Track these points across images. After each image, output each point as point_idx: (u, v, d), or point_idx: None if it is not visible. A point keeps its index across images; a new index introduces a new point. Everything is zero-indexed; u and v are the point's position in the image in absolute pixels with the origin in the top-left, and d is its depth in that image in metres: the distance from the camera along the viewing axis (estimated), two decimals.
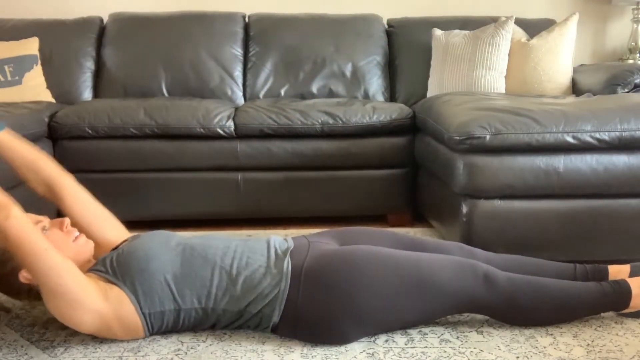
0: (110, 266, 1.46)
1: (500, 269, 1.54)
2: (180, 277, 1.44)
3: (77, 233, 1.51)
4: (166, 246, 1.50)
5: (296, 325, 1.45)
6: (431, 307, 1.47)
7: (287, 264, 1.47)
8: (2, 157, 1.64)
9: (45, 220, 1.49)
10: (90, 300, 1.36)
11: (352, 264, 1.45)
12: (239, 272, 1.46)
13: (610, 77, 2.54)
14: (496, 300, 1.47)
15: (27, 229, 1.32)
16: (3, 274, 1.44)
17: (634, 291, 1.52)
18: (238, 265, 1.47)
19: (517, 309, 1.50)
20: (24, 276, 1.42)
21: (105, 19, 3.21)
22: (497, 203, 1.91)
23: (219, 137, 2.50)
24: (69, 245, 1.47)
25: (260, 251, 1.51)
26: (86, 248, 1.52)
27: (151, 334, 1.48)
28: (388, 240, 1.64)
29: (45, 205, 2.42)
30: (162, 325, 1.46)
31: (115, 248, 1.57)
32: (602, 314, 1.62)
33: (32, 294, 1.46)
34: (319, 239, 1.63)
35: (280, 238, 1.61)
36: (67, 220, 1.51)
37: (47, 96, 2.87)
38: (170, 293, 1.43)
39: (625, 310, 1.55)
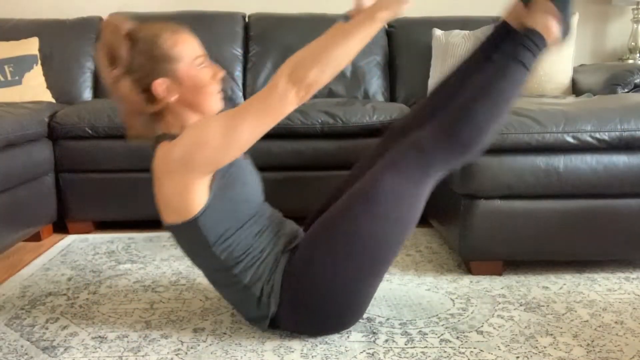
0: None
1: (427, 116, 1.55)
2: (234, 232, 1.41)
3: (220, 89, 1.48)
4: (255, 202, 1.49)
5: (296, 312, 1.44)
6: (399, 210, 1.43)
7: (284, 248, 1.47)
8: None
9: (205, 57, 1.46)
10: (225, 161, 1.35)
11: (319, 243, 1.43)
12: (263, 250, 1.44)
13: (610, 77, 2.54)
14: (438, 153, 1.45)
15: (277, 113, 1.30)
16: (144, 66, 1.38)
17: (542, 30, 1.50)
18: (267, 244, 1.45)
19: (461, 141, 1.45)
20: (159, 85, 1.37)
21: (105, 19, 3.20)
22: (497, 203, 1.91)
23: None
24: (209, 92, 1.44)
25: (285, 235, 1.50)
26: (215, 105, 1.47)
27: (180, 227, 1.40)
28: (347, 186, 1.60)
29: (44, 206, 2.43)
30: (189, 237, 1.42)
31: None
32: (602, 315, 1.62)
33: (149, 108, 1.41)
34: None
35: (296, 226, 1.60)
36: (221, 73, 1.48)
37: (47, 96, 2.87)
38: (221, 232, 1.39)
39: (550, 44, 1.52)
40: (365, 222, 1.40)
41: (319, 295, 1.42)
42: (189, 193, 1.35)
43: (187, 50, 1.41)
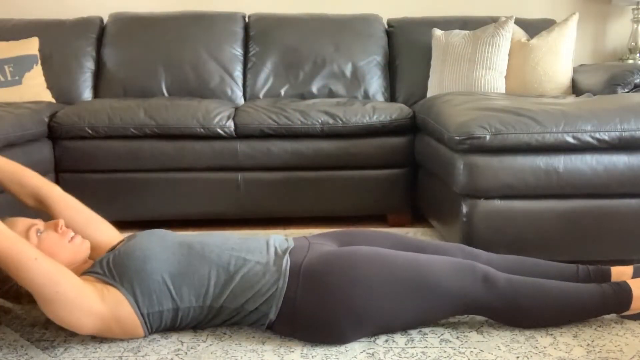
0: (107, 267, 1.45)
1: (502, 270, 1.54)
2: (178, 276, 1.44)
3: (72, 233, 1.51)
4: (163, 245, 1.50)
5: (294, 323, 1.45)
6: (429, 308, 1.47)
7: (286, 262, 1.47)
8: None
9: (39, 223, 1.48)
10: (87, 303, 1.36)
11: (351, 264, 1.45)
12: (236, 270, 1.46)
13: (610, 77, 2.54)
14: (495, 301, 1.47)
15: (11, 240, 1.30)
16: (0, 279, 1.43)
17: (634, 292, 1.51)
18: (235, 263, 1.47)
19: (516, 310, 1.49)
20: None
21: (105, 19, 3.21)
22: (497, 203, 1.91)
23: (218, 137, 2.50)
24: (65, 247, 1.46)
25: (259, 249, 1.51)
26: (82, 248, 1.52)
27: (150, 333, 1.48)
28: (388, 241, 1.64)
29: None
30: (160, 325, 1.46)
31: (112, 249, 1.57)
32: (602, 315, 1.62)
33: (33, 298, 1.45)
34: (319, 240, 1.63)
35: (281, 237, 1.61)
36: (61, 221, 1.50)
37: (47, 96, 2.87)
38: (169, 292, 1.43)
39: (627, 313, 1.54)
40: (402, 296, 1.44)
41: (325, 316, 1.42)
42: (118, 321, 1.40)
43: (16, 232, 1.38)
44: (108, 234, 1.66)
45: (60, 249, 1.44)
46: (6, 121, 2.16)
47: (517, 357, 1.39)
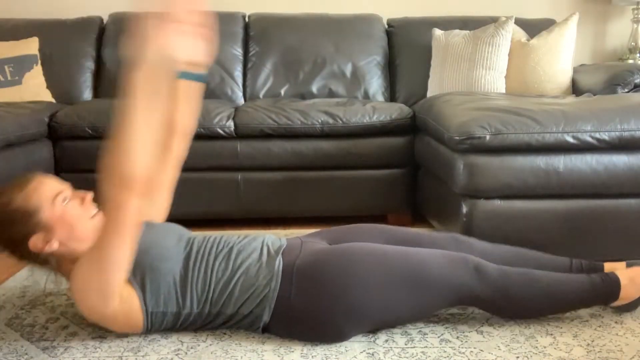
0: None
1: (496, 261, 1.55)
2: (184, 280, 1.44)
3: (95, 210, 1.47)
4: (179, 246, 1.50)
5: (290, 323, 1.45)
6: (424, 301, 1.47)
7: (278, 262, 1.47)
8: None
9: (67, 190, 1.45)
10: (115, 292, 1.36)
11: (344, 261, 1.45)
12: (234, 275, 1.46)
13: (610, 77, 2.54)
14: (487, 292, 1.47)
15: (134, 221, 1.30)
16: (15, 234, 1.40)
17: (623, 282, 1.52)
18: (233, 267, 1.47)
19: (508, 300, 1.50)
20: (34, 243, 1.39)
21: (105, 19, 3.21)
22: (497, 203, 1.91)
23: (218, 137, 2.50)
24: (85, 222, 1.43)
25: (255, 250, 1.51)
26: (99, 227, 1.47)
27: (148, 332, 1.47)
28: (381, 236, 1.64)
29: None
30: (160, 325, 1.46)
31: None
32: (602, 315, 1.62)
33: (37, 260, 1.44)
34: (312, 239, 1.63)
35: (274, 237, 1.60)
36: (89, 196, 1.47)
37: (47, 96, 2.87)
38: (175, 296, 1.43)
39: (616, 303, 1.55)
40: (404, 288, 1.44)
41: (321, 314, 1.42)
42: (121, 312, 1.39)
43: (42, 196, 1.39)
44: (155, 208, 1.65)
45: (81, 223, 1.42)
46: (6, 121, 2.16)
47: (517, 357, 1.39)
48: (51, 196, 1.41)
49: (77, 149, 2.48)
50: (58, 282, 1.52)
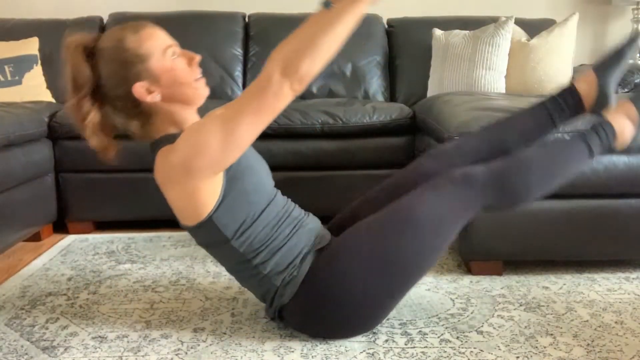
0: None
1: (477, 151, 1.55)
2: (251, 223, 1.40)
3: (200, 74, 1.44)
4: (269, 187, 1.48)
5: (307, 310, 1.43)
6: (437, 239, 1.44)
7: (312, 246, 1.45)
8: None
9: (176, 46, 1.41)
10: (226, 164, 1.32)
11: (369, 247, 1.42)
12: (284, 244, 1.42)
13: None
14: (484, 195, 1.46)
15: (274, 111, 1.28)
16: (121, 75, 1.34)
17: (617, 127, 1.55)
18: (290, 239, 1.43)
19: (509, 193, 1.49)
20: (138, 89, 1.34)
21: (105, 19, 3.21)
22: None
23: None
24: (189, 82, 1.40)
25: (310, 231, 1.48)
26: (202, 92, 1.44)
27: (197, 228, 1.40)
28: (384, 194, 1.62)
29: (44, 206, 2.43)
30: (207, 233, 1.41)
31: None
32: (602, 315, 1.62)
33: (130, 111, 1.38)
34: (338, 222, 1.63)
35: (321, 225, 1.58)
36: (197, 57, 1.43)
37: (47, 96, 2.87)
38: (238, 225, 1.39)
39: (617, 146, 1.58)
40: (401, 241, 1.41)
41: (336, 303, 1.41)
42: (198, 197, 1.34)
43: (155, 45, 1.36)
44: None
45: (184, 82, 1.39)
46: (6, 121, 2.16)
47: (517, 357, 1.39)
48: (163, 47, 1.37)
49: (77, 149, 2.47)
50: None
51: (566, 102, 1.64)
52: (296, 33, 1.28)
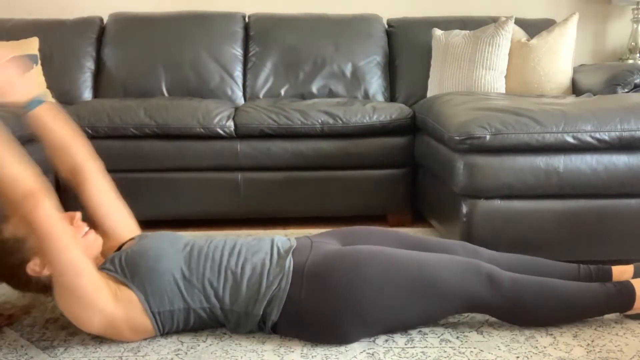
0: (119, 265, 1.45)
1: (504, 269, 1.54)
2: (189, 277, 1.45)
3: (86, 229, 1.50)
4: (175, 247, 1.50)
5: (298, 324, 1.44)
6: (434, 307, 1.47)
7: (289, 262, 1.47)
8: (35, 133, 1.62)
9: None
10: (101, 301, 1.37)
11: (355, 263, 1.45)
12: (244, 272, 1.46)
13: (610, 77, 2.54)
14: (500, 300, 1.47)
15: (54, 222, 1.32)
16: (11, 264, 1.42)
17: (638, 292, 1.51)
18: (243, 265, 1.47)
19: (521, 309, 1.50)
20: (31, 268, 1.41)
21: (105, 19, 3.21)
22: (497, 203, 1.91)
23: (219, 137, 2.50)
24: (77, 241, 1.45)
25: (264, 250, 1.51)
26: (95, 244, 1.51)
27: (162, 334, 1.47)
28: (391, 239, 1.63)
29: None
30: (172, 325, 1.46)
31: (120, 247, 1.57)
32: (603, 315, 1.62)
33: (39, 286, 1.45)
34: (322, 239, 1.63)
35: (284, 238, 1.61)
36: (78, 215, 1.50)
37: (47, 96, 2.87)
38: (179, 292, 1.43)
39: (630, 312, 1.54)
40: (406, 294, 1.43)
41: (325, 314, 1.42)
42: (128, 321, 1.41)
43: None
44: (126, 228, 1.66)
45: None
46: (6, 121, 2.15)
47: (517, 357, 1.39)
48: None
49: None
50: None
51: (598, 277, 1.64)
52: None
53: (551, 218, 1.90)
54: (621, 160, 1.88)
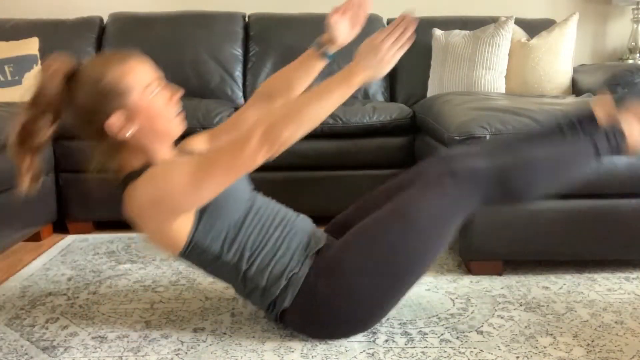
0: None
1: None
2: (237, 229, 1.42)
3: (179, 110, 1.43)
4: (244, 192, 1.48)
5: (306, 314, 1.43)
6: (435, 235, 1.44)
7: (312, 253, 1.45)
8: (303, 67, 1.78)
9: (160, 80, 1.40)
10: (189, 204, 1.33)
11: (371, 249, 1.42)
12: (279, 249, 1.43)
13: (610, 77, 2.54)
14: (487, 189, 1.45)
15: (247, 169, 1.30)
16: (91, 107, 1.34)
17: (626, 131, 1.52)
18: (282, 242, 1.44)
19: (512, 190, 1.48)
20: (112, 123, 1.33)
21: (105, 19, 3.21)
22: None
23: None
24: (166, 117, 1.38)
25: (302, 232, 1.49)
26: (178, 128, 1.43)
27: (183, 256, 1.42)
28: (383, 197, 1.60)
29: (44, 206, 2.43)
30: (196, 258, 1.43)
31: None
32: (602, 315, 1.62)
33: (99, 143, 1.39)
34: (337, 227, 1.62)
35: (320, 230, 1.58)
36: (178, 94, 1.43)
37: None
38: (223, 238, 1.40)
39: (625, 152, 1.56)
40: (400, 241, 1.40)
41: (336, 304, 1.41)
42: (171, 229, 1.36)
43: (138, 80, 1.34)
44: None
45: (163, 118, 1.38)
46: (6, 121, 2.15)
47: (517, 357, 1.39)
48: (145, 82, 1.35)
49: (77, 149, 2.47)
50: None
51: (583, 128, 1.62)
52: (288, 103, 1.35)
53: (551, 218, 1.90)
54: (621, 160, 1.88)
